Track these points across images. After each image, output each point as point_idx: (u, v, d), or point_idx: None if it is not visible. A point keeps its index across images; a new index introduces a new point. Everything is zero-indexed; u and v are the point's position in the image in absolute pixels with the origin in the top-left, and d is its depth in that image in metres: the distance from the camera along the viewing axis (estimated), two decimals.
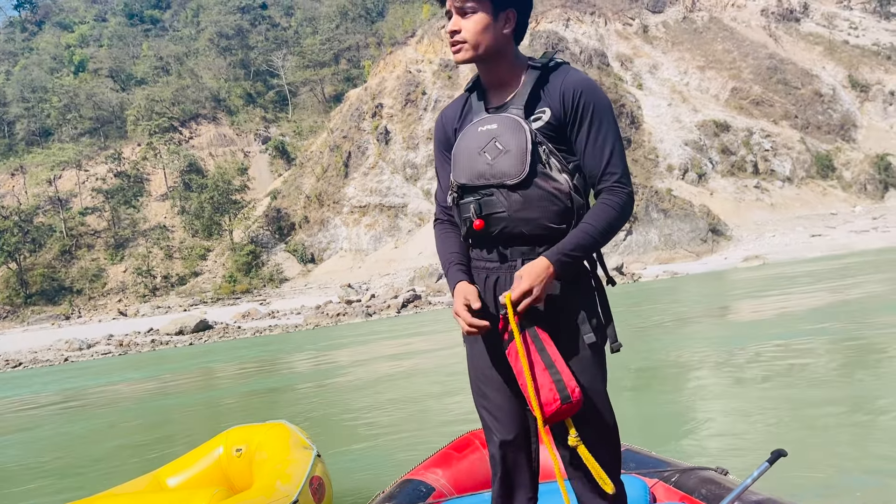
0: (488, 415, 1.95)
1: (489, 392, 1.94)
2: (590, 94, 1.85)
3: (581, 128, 1.84)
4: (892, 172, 56.15)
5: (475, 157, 1.87)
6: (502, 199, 1.83)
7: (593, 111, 1.84)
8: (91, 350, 25.31)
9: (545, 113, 1.85)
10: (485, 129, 1.88)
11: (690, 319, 13.62)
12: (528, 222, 1.83)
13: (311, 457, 3.49)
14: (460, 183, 1.90)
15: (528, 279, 1.74)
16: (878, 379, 6.07)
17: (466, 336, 1.96)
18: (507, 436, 1.91)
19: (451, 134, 2.02)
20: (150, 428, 8.33)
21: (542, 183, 1.81)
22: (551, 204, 1.82)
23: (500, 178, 1.82)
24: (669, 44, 66.09)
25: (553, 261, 1.76)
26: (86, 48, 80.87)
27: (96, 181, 61.53)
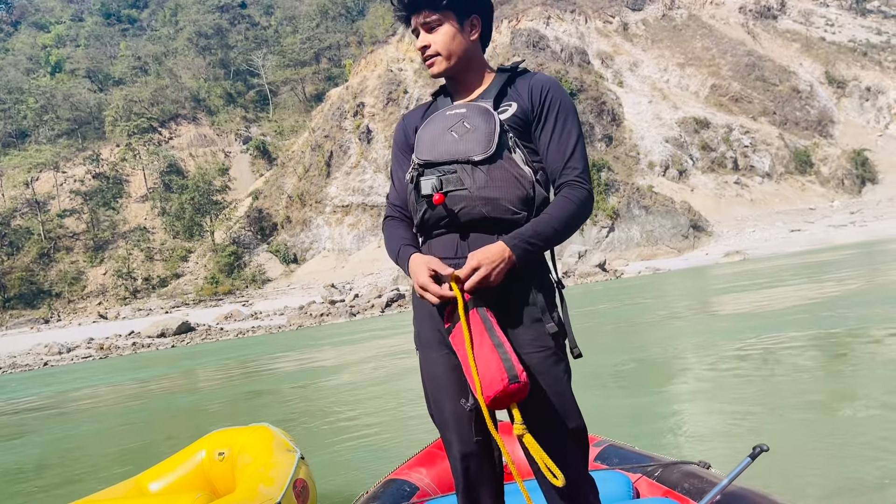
0: (445, 427, 1.87)
1: (445, 402, 1.86)
2: (556, 91, 1.89)
3: (546, 123, 1.87)
4: (868, 167, 56.97)
5: (442, 135, 1.86)
6: (465, 176, 1.80)
7: (559, 108, 1.87)
8: (71, 354, 25.01)
9: (511, 106, 1.88)
10: (453, 112, 1.89)
11: (672, 315, 13.72)
12: (489, 202, 1.79)
13: (295, 459, 3.47)
14: (423, 160, 1.86)
15: (477, 257, 1.71)
16: (857, 373, 6.15)
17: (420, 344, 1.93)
18: (468, 447, 1.84)
19: (410, 134, 2.03)
20: (131, 432, 8.25)
21: (506, 165, 1.80)
22: (514, 188, 1.80)
23: (465, 154, 1.81)
24: (649, 41, 66.54)
25: (510, 245, 1.73)
26: (62, 48, 79.92)
27: (74, 183, 60.84)
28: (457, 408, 1.84)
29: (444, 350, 1.86)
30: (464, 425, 1.84)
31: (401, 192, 2.02)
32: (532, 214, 1.81)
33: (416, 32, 1.92)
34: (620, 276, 32.18)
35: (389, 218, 2.06)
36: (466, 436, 1.84)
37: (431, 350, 1.90)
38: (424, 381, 1.93)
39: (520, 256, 1.74)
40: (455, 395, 1.84)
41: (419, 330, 1.95)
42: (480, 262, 1.71)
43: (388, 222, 2.05)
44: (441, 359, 1.87)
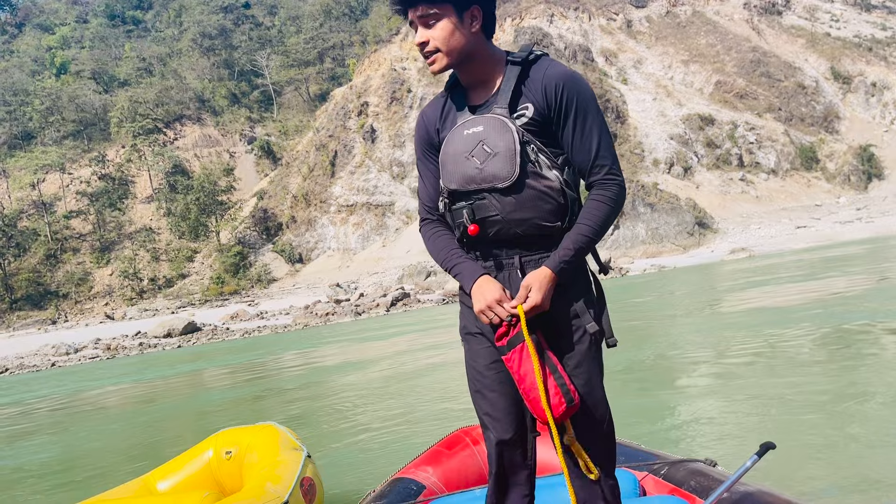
0: (485, 414, 1.95)
1: (486, 391, 1.94)
2: (572, 86, 1.83)
3: (566, 121, 1.83)
4: (875, 163, 56.71)
5: (463, 162, 1.85)
6: (495, 203, 1.83)
7: (577, 103, 1.83)
8: (78, 354, 25.10)
9: (528, 109, 1.83)
10: (471, 132, 1.86)
11: (678, 313, 13.69)
12: (521, 223, 1.83)
13: (302, 458, 3.49)
14: (451, 189, 1.89)
15: (538, 292, 1.78)
16: (865, 369, 6.13)
17: (465, 335, 1.99)
18: (504, 435, 1.91)
19: (433, 133, 2.00)
20: (139, 432, 8.28)
21: (533, 183, 1.81)
22: (544, 203, 1.82)
23: (490, 181, 1.82)
24: (653, 38, 66.37)
25: (556, 271, 1.80)
26: (67, 50, 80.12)
27: (80, 184, 61.01)
28: (495, 398, 1.93)
29: (487, 343, 1.94)
30: (503, 414, 1.92)
31: (431, 192, 2.02)
32: (566, 220, 1.84)
33: (414, 26, 1.87)
34: (626, 274, 32.13)
35: (427, 221, 2.05)
36: (503, 425, 1.92)
37: (475, 342, 1.97)
38: (468, 371, 2.01)
39: (563, 276, 1.82)
40: (495, 385, 1.93)
41: (465, 323, 2.01)
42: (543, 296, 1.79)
43: (428, 227, 2.04)
44: (483, 351, 1.95)
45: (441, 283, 34.62)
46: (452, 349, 12.29)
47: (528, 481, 1.96)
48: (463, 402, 6.85)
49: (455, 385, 8.12)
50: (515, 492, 1.95)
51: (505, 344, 1.83)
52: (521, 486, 1.95)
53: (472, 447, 3.18)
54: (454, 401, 7.00)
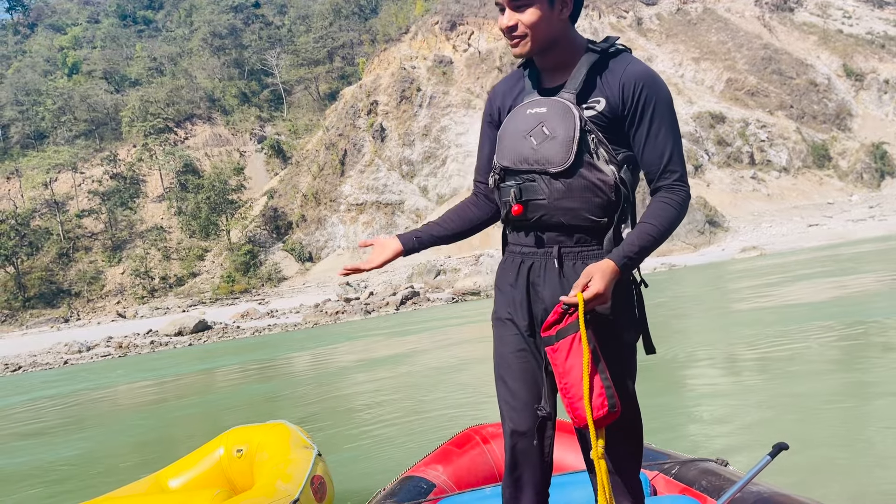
0: (504, 403, 1.93)
1: (508, 380, 1.92)
2: (652, 87, 1.78)
3: (641, 123, 1.77)
4: (888, 161, 56.25)
5: (520, 141, 1.83)
6: (543, 186, 1.79)
7: (655, 107, 1.77)
8: (90, 352, 25.28)
9: (599, 103, 1.78)
10: (533, 111, 1.82)
11: (689, 312, 13.64)
12: (567, 212, 1.79)
13: (312, 456, 3.49)
14: (503, 165, 1.87)
15: (602, 282, 1.68)
16: (879, 370, 6.09)
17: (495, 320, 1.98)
18: (520, 426, 1.89)
19: (496, 109, 1.99)
20: (150, 430, 8.33)
21: (586, 173, 1.76)
22: (594, 195, 1.77)
23: (543, 164, 1.78)
24: (664, 36, 66.06)
25: (620, 265, 1.71)
26: (79, 50, 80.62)
27: (92, 183, 61.42)
28: (517, 387, 1.90)
29: (516, 331, 1.91)
30: (522, 405, 1.89)
31: (483, 164, 2.04)
32: (614, 218, 1.80)
33: (501, 8, 1.80)
34: None
35: (471, 195, 2.13)
36: (520, 416, 1.89)
37: (505, 329, 1.94)
38: (494, 356, 1.99)
39: (625, 269, 1.74)
40: (518, 375, 1.90)
41: (497, 308, 1.99)
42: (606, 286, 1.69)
43: (464, 200, 2.13)
44: (511, 338, 1.92)
45: (451, 281, 34.63)
46: (462, 348, 12.29)
47: (543, 476, 1.93)
48: (473, 401, 6.85)
49: (465, 384, 8.12)
50: (529, 488, 1.91)
51: (554, 333, 1.73)
52: (535, 482, 1.91)
53: (482, 446, 3.17)
54: (464, 399, 7.00)
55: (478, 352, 11.20)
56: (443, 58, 63.05)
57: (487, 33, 63.32)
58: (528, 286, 1.87)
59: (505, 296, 1.94)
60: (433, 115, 59.53)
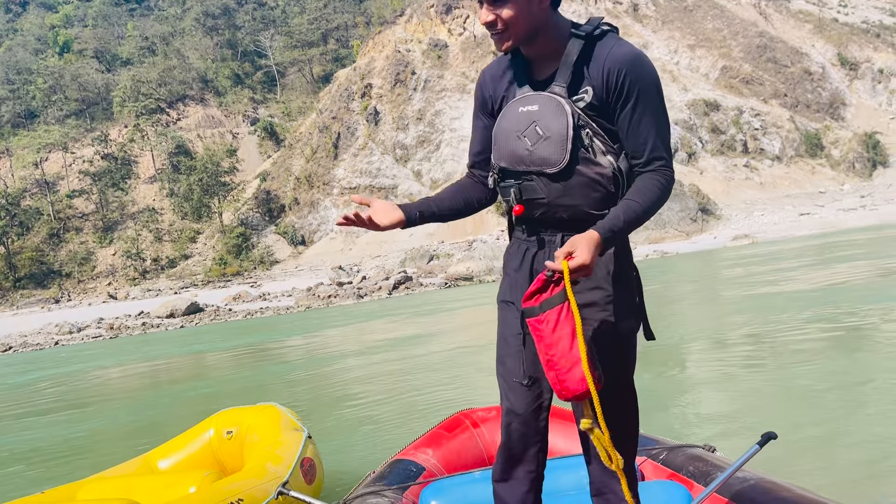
0: (503, 382, 1.95)
1: (507, 360, 1.93)
2: (635, 71, 1.73)
3: (625, 108, 1.74)
4: (880, 150, 56.42)
5: (514, 141, 1.81)
6: (542, 186, 1.79)
7: (639, 91, 1.73)
8: (81, 334, 25.21)
9: (588, 93, 1.76)
10: (525, 109, 1.80)
11: (680, 299, 13.70)
12: (568, 209, 1.80)
13: (302, 438, 3.50)
14: (501, 166, 1.87)
15: (587, 252, 1.62)
16: (867, 360, 6.14)
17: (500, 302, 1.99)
18: (516, 406, 1.90)
19: (487, 97, 1.96)
20: (140, 411, 8.33)
21: (583, 169, 1.75)
22: (592, 191, 1.77)
23: (539, 164, 1.77)
24: (659, 22, 65.81)
25: (604, 236, 1.67)
26: (70, 29, 79.72)
27: (83, 163, 60.95)
28: (514, 368, 1.91)
29: (517, 313, 1.90)
30: (515, 385, 1.91)
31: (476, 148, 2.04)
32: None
33: (480, 1, 1.79)
34: None
35: (465, 177, 2.12)
36: (516, 396, 1.91)
37: (508, 311, 1.96)
38: (497, 338, 2.00)
39: (607, 242, 1.70)
40: (516, 357, 1.91)
41: (502, 290, 2.00)
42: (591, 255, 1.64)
43: (458, 181, 2.11)
44: (514, 320, 1.93)
45: (444, 266, 34.64)
46: (454, 333, 12.32)
47: (537, 458, 1.93)
48: (464, 386, 6.88)
49: (456, 369, 8.15)
50: (522, 467, 1.92)
51: (537, 304, 1.68)
52: (528, 462, 1.92)
53: (472, 430, 3.19)
54: (455, 384, 7.02)
55: (469, 337, 11.22)
56: (438, 41, 62.67)
57: None
58: (532, 271, 1.88)
59: (510, 279, 1.96)
60: (428, 99, 59.26)
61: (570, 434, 2.99)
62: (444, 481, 2.69)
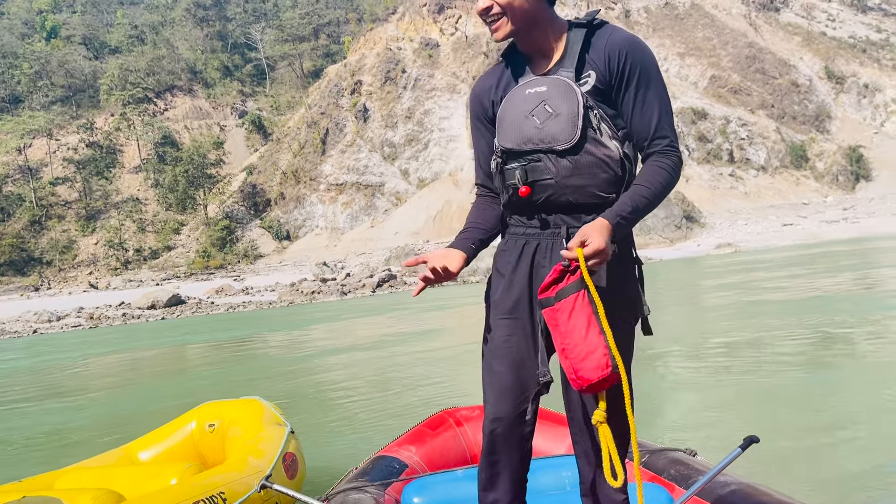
0: (489, 386, 1.89)
1: (495, 364, 1.88)
2: (635, 53, 1.76)
3: (627, 90, 1.76)
4: (863, 164, 57.13)
5: (523, 121, 1.79)
6: (550, 165, 1.76)
7: (640, 72, 1.75)
8: (61, 322, 24.95)
9: (591, 77, 1.77)
10: (533, 91, 1.79)
11: (664, 304, 13.78)
12: (576, 190, 1.76)
13: (285, 433, 3.49)
14: (506, 147, 1.83)
15: (600, 237, 1.62)
16: (848, 367, 6.22)
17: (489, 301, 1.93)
18: (501, 412, 1.85)
19: (487, 105, 1.94)
20: (120, 403, 8.26)
21: (592, 149, 1.74)
22: (601, 171, 1.75)
23: (549, 142, 1.75)
24: (651, 29, 66.22)
25: (613, 223, 1.67)
26: (58, 14, 78.85)
27: (67, 151, 60.31)
28: (502, 372, 1.86)
29: (507, 316, 1.87)
30: (505, 391, 1.85)
31: (484, 166, 1.97)
32: (620, 194, 1.77)
33: None
34: None
35: (478, 198, 2.03)
36: (501, 401, 1.85)
37: (497, 312, 1.91)
38: (483, 340, 1.95)
39: (618, 229, 1.69)
40: (504, 360, 1.86)
41: (493, 290, 1.94)
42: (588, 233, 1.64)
43: (475, 202, 2.03)
44: (503, 323, 1.88)
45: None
46: (438, 332, 12.33)
47: (521, 463, 1.90)
48: (447, 384, 6.88)
49: (440, 367, 8.15)
50: (506, 473, 1.88)
51: (553, 294, 1.67)
52: (513, 468, 1.88)
53: (456, 428, 3.19)
54: (438, 383, 7.03)
55: (453, 336, 11.23)
56: (429, 40, 62.66)
57: (475, 18, 62.93)
58: (532, 267, 1.84)
59: (503, 278, 1.90)
60: (417, 98, 59.22)
61: (550, 434, 3.01)
62: (427, 479, 2.69)
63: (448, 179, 52.72)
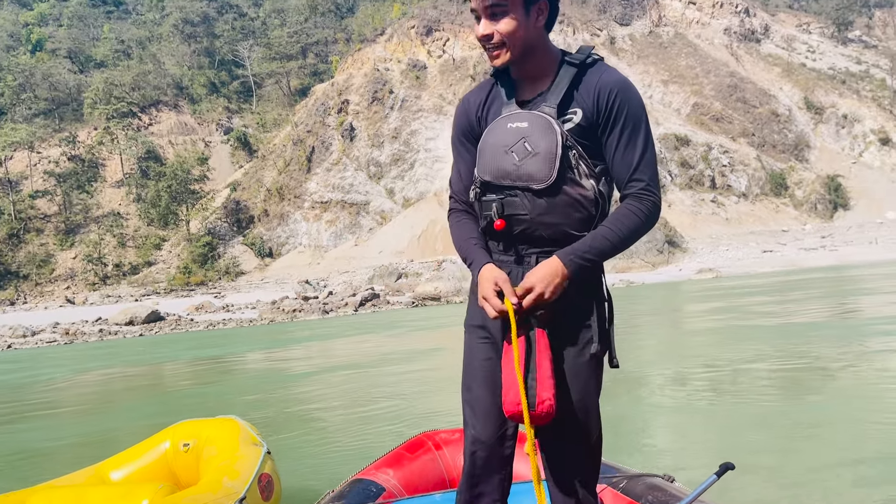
0: (468, 409, 1.92)
1: (474, 386, 1.91)
2: (625, 96, 1.78)
3: (613, 130, 1.78)
4: (841, 193, 58.03)
5: (502, 156, 1.81)
6: (526, 202, 1.78)
7: (627, 114, 1.78)
8: (36, 338, 24.55)
9: (576, 114, 1.79)
10: (514, 126, 1.81)
11: (644, 328, 13.84)
12: (549, 227, 1.79)
13: (261, 453, 3.44)
14: (484, 180, 1.85)
15: (533, 278, 1.72)
16: (822, 395, 6.26)
17: (468, 326, 1.97)
18: (481, 434, 1.87)
19: (473, 121, 1.95)
20: (93, 421, 8.12)
21: (568, 189, 1.76)
22: (575, 211, 1.78)
23: (526, 180, 1.77)
24: (635, 56, 67.18)
25: (566, 262, 1.72)
26: (44, 27, 78.50)
27: (49, 164, 59.73)
28: (481, 395, 1.89)
29: (485, 339, 1.91)
30: (484, 413, 1.88)
31: (465, 180, 1.97)
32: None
33: (476, 15, 1.80)
34: None
35: (455, 212, 2.02)
36: (481, 424, 1.88)
37: (474, 336, 1.94)
38: (463, 363, 1.98)
39: (574, 272, 1.74)
40: (483, 384, 1.89)
41: (470, 314, 1.98)
42: (534, 283, 1.73)
43: (454, 216, 2.01)
44: (479, 346, 1.92)
45: (412, 285, 34.56)
46: (419, 354, 12.27)
47: (501, 487, 1.89)
48: (427, 407, 6.84)
49: (420, 390, 8.11)
50: (486, 496, 1.88)
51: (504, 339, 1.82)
52: (493, 492, 1.88)
53: (434, 452, 3.17)
54: (418, 405, 6.98)
55: (435, 358, 11.19)
56: (417, 62, 63.10)
57: (463, 41, 63.57)
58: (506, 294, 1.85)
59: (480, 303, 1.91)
60: (404, 118, 59.49)
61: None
62: (404, 503, 2.67)
63: (433, 199, 52.81)
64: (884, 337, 9.26)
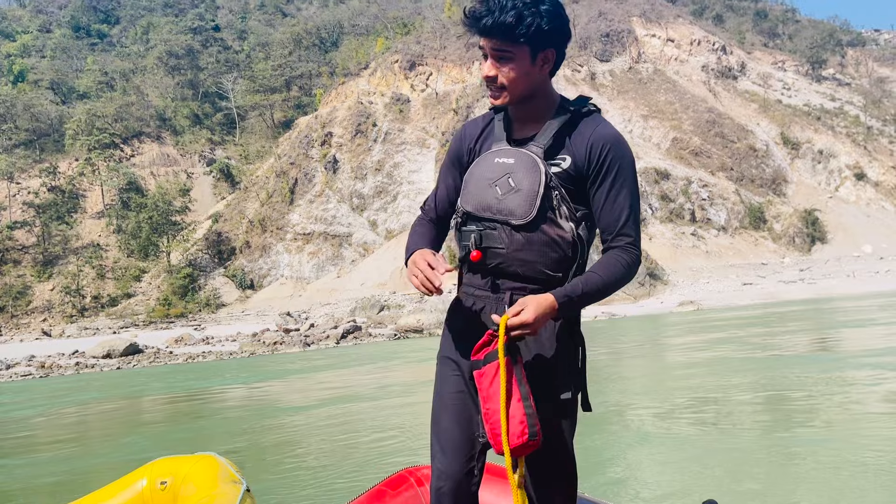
0: (436, 442, 1.91)
1: (443, 420, 1.91)
2: (617, 152, 1.81)
3: (602, 184, 1.80)
4: (818, 227, 58.92)
5: (485, 189, 1.84)
6: (504, 236, 1.81)
7: (617, 170, 1.80)
8: (10, 371, 24.03)
9: (565, 160, 1.81)
10: (501, 161, 1.84)
11: (626, 361, 13.85)
12: (524, 264, 1.81)
13: (240, 491, 3.38)
14: (466, 210, 1.88)
15: (532, 311, 1.70)
16: (806, 426, 6.27)
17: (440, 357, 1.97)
18: (447, 469, 1.87)
19: (464, 151, 2.00)
20: (67, 458, 7.93)
21: (547, 228, 1.79)
22: (551, 251, 1.80)
23: (506, 215, 1.80)
24: (615, 92, 68.33)
25: (560, 301, 1.73)
26: (27, 58, 78.44)
27: (28, 195, 59.18)
28: (450, 428, 1.89)
29: (457, 372, 1.91)
30: (453, 446, 1.88)
31: (441, 199, 2.03)
32: (569, 274, 1.81)
33: (485, 55, 1.83)
34: None
35: (418, 220, 2.08)
36: (449, 459, 1.87)
37: (447, 367, 1.95)
38: (433, 396, 1.98)
39: (562, 309, 1.75)
40: (452, 416, 1.89)
41: (444, 347, 1.99)
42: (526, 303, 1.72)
43: (415, 223, 2.07)
44: (451, 378, 1.92)
45: (394, 317, 34.42)
46: (402, 387, 12.17)
47: None
48: (409, 443, 6.76)
49: (402, 424, 8.02)
50: None
51: (482, 357, 1.76)
52: None
53: (417, 488, 3.12)
54: (400, 440, 6.90)
55: (417, 392, 11.10)
56: (400, 96, 63.72)
57: (446, 76, 64.39)
58: (479, 327, 1.86)
59: (453, 335, 1.94)
60: (387, 151, 59.83)
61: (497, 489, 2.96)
62: None
63: None
64: (866, 370, 9.33)
